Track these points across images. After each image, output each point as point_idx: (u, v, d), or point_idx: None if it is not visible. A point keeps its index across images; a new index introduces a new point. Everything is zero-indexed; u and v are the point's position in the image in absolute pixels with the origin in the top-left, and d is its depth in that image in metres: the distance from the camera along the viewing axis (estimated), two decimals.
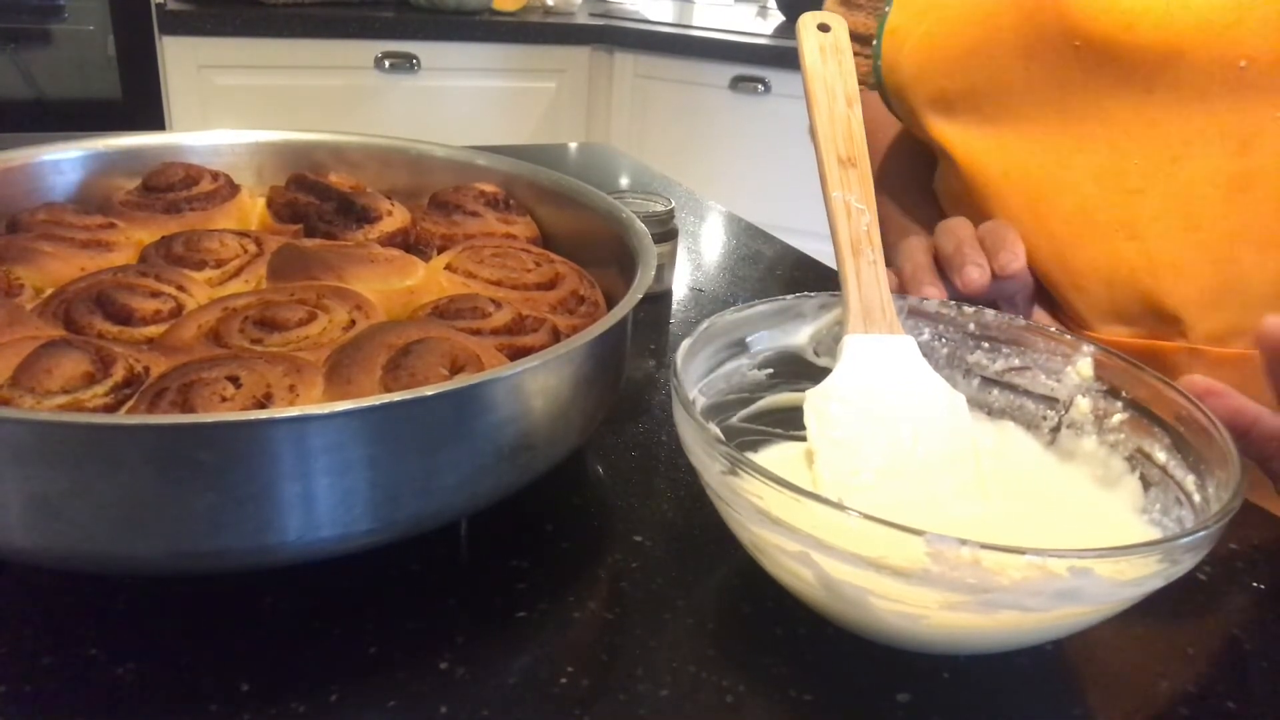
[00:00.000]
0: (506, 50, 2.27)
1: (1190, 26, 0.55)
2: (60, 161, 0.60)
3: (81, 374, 0.39)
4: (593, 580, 0.44)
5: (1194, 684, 0.41)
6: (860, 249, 0.49)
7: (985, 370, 0.52)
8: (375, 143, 0.67)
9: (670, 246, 0.76)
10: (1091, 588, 0.33)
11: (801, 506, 0.35)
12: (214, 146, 0.65)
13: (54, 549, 0.35)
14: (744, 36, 2.26)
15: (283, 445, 0.34)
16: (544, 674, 0.38)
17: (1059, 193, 0.63)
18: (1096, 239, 0.62)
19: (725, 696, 0.38)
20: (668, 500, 0.50)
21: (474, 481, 0.40)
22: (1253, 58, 0.55)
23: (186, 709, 0.35)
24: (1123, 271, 0.62)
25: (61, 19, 1.97)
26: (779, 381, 0.51)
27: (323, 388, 0.41)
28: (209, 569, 0.39)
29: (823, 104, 0.52)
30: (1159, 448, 0.45)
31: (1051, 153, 0.63)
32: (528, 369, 0.39)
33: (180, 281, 0.50)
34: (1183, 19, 0.55)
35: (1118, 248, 0.62)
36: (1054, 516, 0.46)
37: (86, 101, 2.01)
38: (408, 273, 0.53)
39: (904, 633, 0.38)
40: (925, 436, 0.47)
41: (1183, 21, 0.55)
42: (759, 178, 2.23)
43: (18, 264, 0.50)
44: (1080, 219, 0.63)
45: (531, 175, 0.64)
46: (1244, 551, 0.50)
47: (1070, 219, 0.63)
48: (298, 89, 2.12)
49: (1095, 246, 0.62)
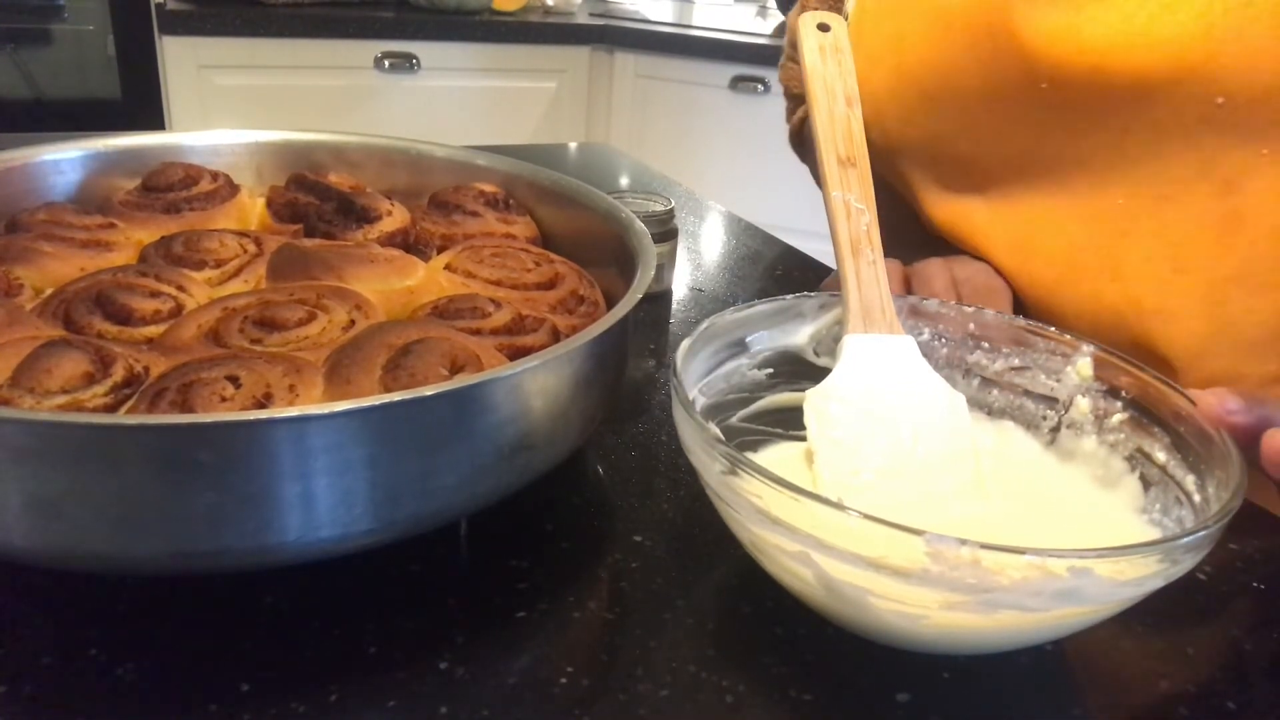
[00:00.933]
0: (506, 50, 2.27)
1: (1160, 64, 0.53)
2: (60, 161, 0.60)
3: (81, 374, 0.39)
4: (593, 580, 0.44)
5: (1194, 684, 0.41)
6: (860, 249, 0.49)
7: (985, 370, 0.52)
8: (375, 143, 0.67)
9: (670, 246, 0.76)
10: (1091, 588, 0.33)
11: (801, 506, 0.35)
12: (214, 146, 0.65)
13: (54, 549, 0.35)
14: (744, 36, 2.26)
15: (282, 445, 0.34)
16: (544, 674, 0.38)
17: (1044, 234, 0.61)
18: (1081, 281, 0.60)
19: (725, 696, 0.38)
20: (668, 500, 0.50)
21: (474, 481, 0.40)
22: (1229, 94, 0.53)
23: (186, 709, 0.35)
24: (1109, 315, 0.60)
25: (61, 19, 1.97)
26: (779, 381, 0.51)
27: (322, 388, 0.41)
28: (209, 569, 0.39)
29: (822, 104, 0.52)
30: (1159, 447, 0.45)
31: (1033, 193, 0.61)
32: (527, 369, 0.39)
33: (180, 281, 0.50)
34: (1150, 57, 0.54)
35: (1103, 291, 0.60)
36: (1054, 516, 0.46)
37: (86, 101, 2.01)
38: (407, 273, 0.53)
39: (904, 633, 0.38)
40: (925, 436, 0.47)
41: (1151, 59, 0.54)
42: (759, 178, 2.23)
43: (17, 264, 0.50)
44: (1065, 261, 0.61)
45: (531, 175, 0.64)
46: (1244, 551, 0.50)
47: (1054, 261, 0.61)
48: (298, 89, 2.12)
49: (1080, 289, 0.61)
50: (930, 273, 0.63)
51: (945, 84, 0.62)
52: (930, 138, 0.64)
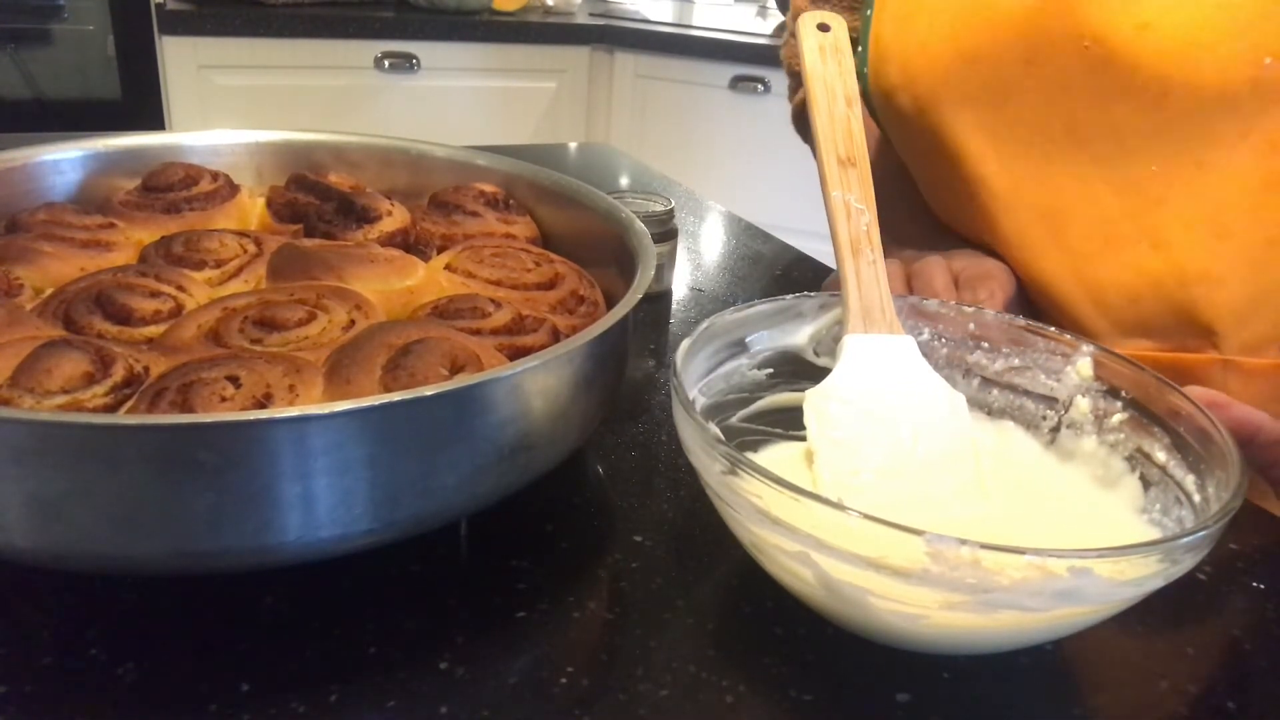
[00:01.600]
0: (506, 50, 2.27)
1: (1210, 22, 0.53)
2: (60, 161, 0.60)
3: (81, 374, 0.39)
4: (593, 580, 0.44)
5: (1194, 684, 0.41)
6: (860, 249, 0.49)
7: (985, 370, 0.52)
8: (375, 143, 0.67)
9: (670, 246, 0.76)
10: (1091, 588, 0.33)
11: (801, 506, 0.35)
12: (214, 146, 0.65)
13: (54, 549, 0.35)
14: (744, 36, 2.26)
15: (282, 445, 0.34)
16: (544, 674, 0.38)
17: (1076, 205, 0.61)
18: (1119, 252, 0.60)
19: (725, 696, 0.38)
20: (668, 500, 0.50)
21: (474, 481, 0.40)
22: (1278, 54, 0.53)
23: (186, 709, 0.35)
24: (1149, 284, 0.59)
25: (61, 19, 1.97)
26: (779, 381, 0.51)
27: (322, 388, 0.41)
28: (209, 569, 0.39)
29: (822, 104, 0.52)
30: (1159, 447, 0.45)
31: (1065, 164, 0.60)
32: (527, 369, 0.39)
33: (180, 281, 0.50)
34: (1199, 13, 0.53)
35: (1143, 260, 0.59)
36: (1054, 517, 0.46)
37: (86, 101, 2.01)
38: (408, 273, 0.53)
39: (904, 633, 0.38)
40: (925, 436, 0.47)
41: (1201, 14, 0.53)
42: (759, 178, 2.23)
43: (18, 264, 0.50)
44: (1101, 231, 0.60)
45: (531, 175, 0.64)
46: (1244, 551, 0.50)
47: (1090, 232, 0.61)
48: (298, 89, 2.12)
49: (1118, 259, 0.60)
50: (930, 270, 0.63)
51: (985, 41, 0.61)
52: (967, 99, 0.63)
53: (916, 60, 0.65)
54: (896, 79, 0.66)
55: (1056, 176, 0.61)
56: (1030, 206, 0.63)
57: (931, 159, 0.68)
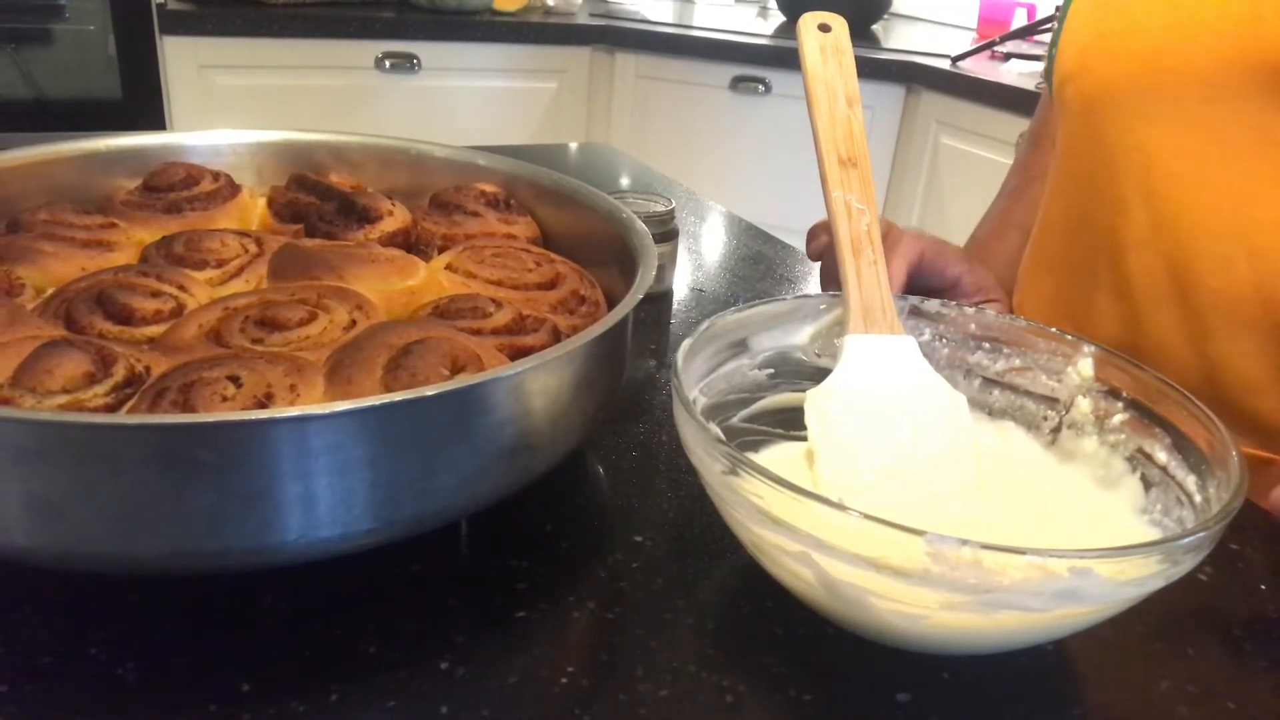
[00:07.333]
0: (507, 50, 2.27)
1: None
2: (61, 161, 0.60)
3: (82, 374, 0.39)
4: (593, 580, 0.44)
5: (1194, 684, 0.41)
6: (860, 249, 0.49)
7: (986, 370, 0.52)
8: (375, 143, 0.67)
9: (671, 246, 0.76)
10: (1092, 588, 0.33)
11: (802, 506, 0.35)
12: (214, 146, 0.65)
13: (55, 549, 0.35)
14: (744, 37, 2.25)
15: (283, 445, 0.34)
16: (544, 674, 0.38)
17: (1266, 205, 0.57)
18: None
19: (725, 696, 0.38)
20: (668, 500, 0.50)
21: (474, 481, 0.40)
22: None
23: (186, 709, 0.35)
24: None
25: (62, 19, 1.97)
26: (779, 381, 0.51)
27: (323, 388, 0.41)
28: (209, 569, 0.39)
29: (823, 104, 0.52)
30: (1160, 448, 0.44)
31: (1259, 177, 0.57)
32: (528, 369, 0.39)
33: (181, 281, 0.50)
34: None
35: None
36: (1054, 517, 0.46)
37: (87, 101, 2.01)
38: (408, 273, 0.53)
39: (904, 633, 0.38)
40: (926, 437, 0.47)
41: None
42: (759, 178, 2.22)
43: (18, 264, 0.50)
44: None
45: (532, 175, 0.64)
46: (1244, 551, 0.50)
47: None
48: (298, 89, 2.12)
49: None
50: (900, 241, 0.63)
51: (1166, 49, 0.59)
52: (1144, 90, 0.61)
53: (1099, 54, 0.63)
54: (1070, 67, 0.66)
55: (1245, 183, 0.58)
56: (1215, 209, 0.60)
57: (1098, 156, 0.66)
